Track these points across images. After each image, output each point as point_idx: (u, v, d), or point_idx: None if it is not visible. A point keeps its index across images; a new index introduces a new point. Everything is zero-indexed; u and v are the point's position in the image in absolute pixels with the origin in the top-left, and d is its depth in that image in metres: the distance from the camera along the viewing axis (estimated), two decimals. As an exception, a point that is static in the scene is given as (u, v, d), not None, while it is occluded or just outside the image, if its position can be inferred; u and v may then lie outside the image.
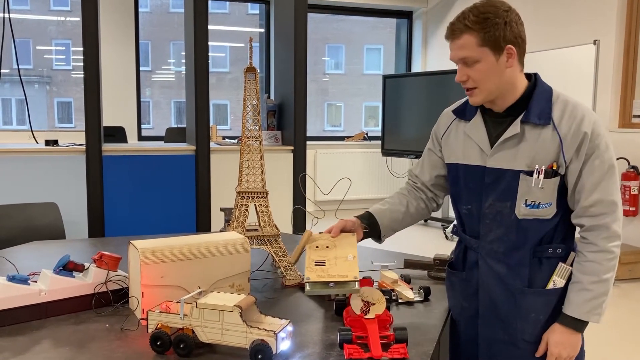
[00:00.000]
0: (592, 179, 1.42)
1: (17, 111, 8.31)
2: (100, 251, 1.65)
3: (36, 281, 1.57)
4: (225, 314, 1.27)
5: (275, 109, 4.44)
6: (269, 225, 1.93)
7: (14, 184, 3.67)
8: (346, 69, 10.40)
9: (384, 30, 9.64)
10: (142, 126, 7.14)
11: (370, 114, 10.11)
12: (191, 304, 1.34)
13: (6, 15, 4.02)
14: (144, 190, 3.89)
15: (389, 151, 6.89)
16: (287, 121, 4.26)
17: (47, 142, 3.83)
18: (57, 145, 3.83)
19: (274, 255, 1.91)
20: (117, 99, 6.81)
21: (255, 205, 1.94)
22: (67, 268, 1.58)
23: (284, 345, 1.29)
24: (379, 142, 7.24)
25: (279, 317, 1.35)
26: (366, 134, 7.91)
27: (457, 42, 1.44)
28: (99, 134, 3.73)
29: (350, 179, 7.64)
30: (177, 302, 1.41)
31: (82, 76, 3.67)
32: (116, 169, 3.81)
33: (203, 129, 3.98)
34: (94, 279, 1.60)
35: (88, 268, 1.62)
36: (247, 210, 1.92)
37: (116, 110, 6.76)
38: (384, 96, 6.89)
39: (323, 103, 10.10)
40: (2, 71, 4.01)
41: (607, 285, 1.43)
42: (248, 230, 1.93)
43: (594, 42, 4.88)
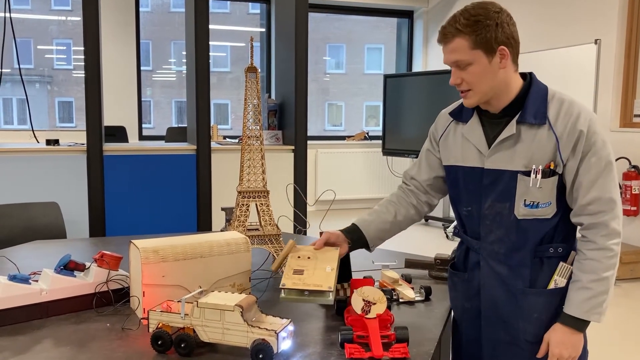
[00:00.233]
0: (589, 176, 1.41)
1: (18, 111, 8.31)
2: (101, 250, 1.65)
3: (37, 280, 1.57)
4: (226, 314, 1.27)
5: (276, 108, 4.44)
6: (269, 224, 1.93)
7: (15, 184, 3.67)
8: (347, 69, 10.39)
9: (385, 29, 9.64)
10: (143, 126, 7.14)
11: (371, 113, 10.10)
12: (192, 303, 1.34)
13: (7, 15, 4.02)
14: (145, 189, 3.89)
15: (389, 151, 6.89)
16: (288, 121, 4.26)
17: (48, 142, 3.83)
18: (58, 144, 3.84)
19: (274, 254, 1.91)
20: (118, 99, 6.81)
21: (256, 204, 1.94)
22: (68, 267, 1.58)
23: (285, 344, 1.29)
24: (380, 141, 7.24)
25: (280, 317, 1.35)
26: (367, 133, 7.91)
27: (449, 45, 1.44)
28: (100, 133, 3.74)
29: (348, 180, 7.63)
30: (178, 302, 1.41)
31: (83, 76, 3.67)
32: (117, 168, 3.81)
33: (204, 128, 3.98)
34: (95, 278, 1.60)
35: (89, 267, 1.63)
36: (248, 210, 1.92)
37: (117, 110, 6.76)
38: (384, 96, 6.89)
39: (324, 102, 10.10)
40: (3, 71, 4.02)
41: (607, 284, 1.42)
42: (249, 230, 1.93)
43: (595, 42, 4.87)
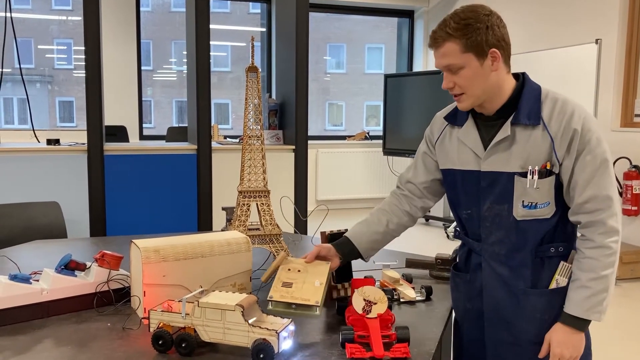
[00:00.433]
0: (585, 175, 1.41)
1: (19, 110, 8.31)
2: (102, 250, 1.65)
3: (38, 280, 1.57)
4: (227, 313, 1.27)
5: (277, 108, 4.44)
6: (270, 224, 1.93)
7: (16, 183, 3.67)
8: (347, 68, 10.39)
9: (386, 29, 9.63)
10: (144, 125, 7.14)
11: (371, 113, 10.09)
12: (193, 303, 1.34)
13: (8, 15, 4.02)
14: (146, 189, 3.90)
15: (390, 150, 6.88)
16: (289, 120, 4.26)
17: (49, 142, 3.83)
18: (59, 144, 3.84)
19: (275, 254, 1.91)
20: (119, 98, 6.81)
21: (257, 204, 1.94)
22: (69, 267, 1.58)
23: (286, 344, 1.29)
24: (381, 141, 7.24)
25: (281, 317, 1.35)
26: (367, 133, 7.90)
27: (440, 50, 1.44)
28: (100, 133, 3.74)
29: (349, 180, 7.64)
30: (179, 301, 1.41)
31: (84, 75, 3.67)
32: (118, 168, 3.81)
33: (204, 128, 3.98)
34: (96, 278, 1.60)
35: (90, 267, 1.63)
36: (248, 210, 1.92)
37: (118, 110, 6.76)
38: (385, 95, 6.89)
39: (324, 102, 10.09)
40: (3, 70, 4.02)
41: (606, 282, 1.41)
42: (250, 230, 1.93)
43: (596, 42, 4.87)
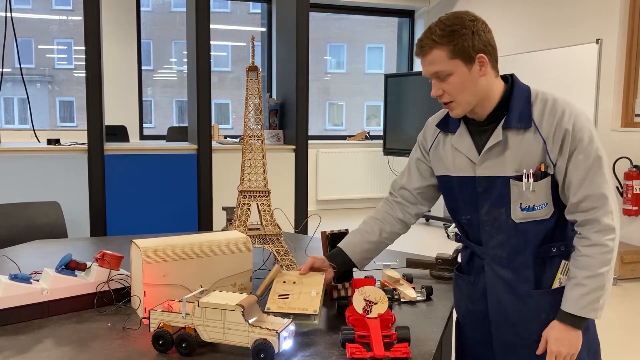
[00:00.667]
0: (578, 174, 1.41)
1: (19, 110, 8.31)
2: (102, 250, 1.65)
3: (38, 280, 1.57)
4: (227, 313, 1.27)
5: (277, 108, 4.44)
6: (270, 224, 1.93)
7: (16, 183, 3.67)
8: (348, 68, 10.38)
9: (386, 29, 9.63)
10: (144, 125, 7.15)
11: (372, 113, 10.09)
12: (193, 303, 1.34)
13: (8, 15, 4.02)
14: (146, 189, 3.90)
15: (390, 150, 6.88)
16: (289, 120, 4.26)
17: (49, 141, 3.83)
18: (59, 144, 3.84)
19: (275, 254, 1.91)
20: (119, 98, 6.81)
21: (257, 204, 1.94)
22: (69, 267, 1.58)
23: (286, 344, 1.29)
24: (381, 141, 7.24)
25: (281, 316, 1.35)
26: (368, 133, 7.90)
27: (427, 58, 1.44)
28: (100, 133, 3.74)
29: (349, 180, 7.63)
30: (179, 301, 1.41)
31: (84, 75, 3.67)
32: (118, 168, 3.81)
33: (205, 128, 3.98)
34: (96, 278, 1.60)
35: (90, 267, 1.62)
36: (249, 209, 1.92)
37: (118, 110, 6.77)
38: (385, 95, 6.89)
39: (325, 102, 10.09)
40: (4, 70, 4.02)
41: (602, 280, 1.41)
42: (250, 229, 1.93)
43: (597, 41, 4.87)
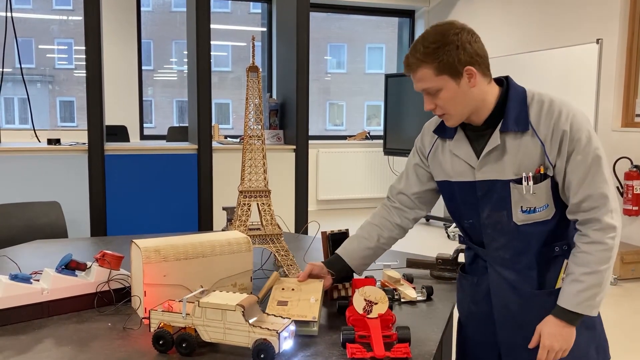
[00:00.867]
0: (577, 175, 1.41)
1: (20, 110, 8.31)
2: (103, 250, 1.65)
3: (38, 280, 1.57)
4: (227, 313, 1.27)
5: (278, 108, 4.43)
6: (271, 224, 1.93)
7: (17, 183, 3.67)
8: (348, 68, 10.38)
9: (386, 29, 9.62)
10: (144, 125, 7.15)
11: (372, 113, 10.09)
12: (193, 303, 1.34)
13: (8, 15, 4.02)
14: (146, 189, 3.89)
15: (391, 150, 6.88)
16: (289, 120, 4.26)
17: (50, 141, 3.83)
18: (60, 144, 3.84)
19: (276, 254, 1.91)
20: (120, 98, 6.81)
21: (258, 204, 1.93)
22: (70, 267, 1.58)
23: (287, 344, 1.29)
24: (381, 141, 7.24)
25: (282, 317, 1.35)
26: (368, 133, 7.90)
27: (415, 75, 1.44)
28: (101, 132, 3.74)
29: (350, 180, 7.63)
30: (180, 301, 1.41)
31: (85, 75, 3.67)
32: (118, 168, 3.81)
33: (205, 128, 3.98)
34: (96, 278, 1.60)
35: (90, 267, 1.62)
36: (249, 209, 1.92)
37: (118, 109, 6.77)
38: (386, 95, 6.89)
39: (325, 102, 10.09)
40: (4, 70, 4.02)
41: (600, 277, 1.40)
42: (250, 229, 1.93)
43: (597, 42, 4.86)
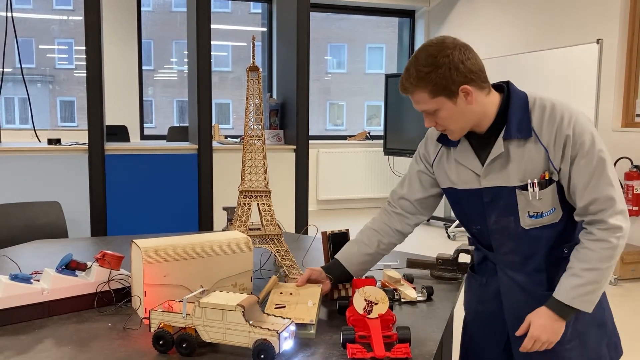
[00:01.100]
0: (582, 179, 1.41)
1: (20, 110, 8.31)
2: (103, 250, 1.65)
3: (39, 280, 1.57)
4: (227, 314, 1.27)
5: (278, 108, 4.43)
6: (271, 224, 1.93)
7: (17, 183, 3.67)
8: (348, 68, 10.38)
9: (387, 29, 9.63)
10: (145, 125, 7.15)
11: (372, 113, 10.09)
12: (194, 303, 1.34)
13: (9, 15, 4.02)
14: (147, 189, 3.89)
15: (391, 150, 6.88)
16: (290, 120, 4.26)
17: (50, 141, 3.83)
18: (60, 144, 3.84)
19: (276, 254, 1.91)
20: (120, 98, 6.81)
21: (258, 204, 1.93)
22: (70, 267, 1.58)
23: (287, 344, 1.29)
24: (381, 141, 7.24)
25: (282, 317, 1.35)
26: (368, 133, 7.90)
27: (412, 97, 1.45)
28: (101, 132, 3.74)
29: (350, 180, 7.63)
30: (180, 301, 1.41)
31: (85, 75, 3.67)
32: (118, 167, 3.81)
33: (205, 127, 3.98)
34: (97, 278, 1.60)
35: (90, 267, 1.62)
36: (249, 209, 1.92)
37: (119, 109, 6.77)
38: (386, 95, 6.89)
39: (325, 102, 10.09)
40: (4, 70, 4.02)
41: (600, 274, 1.40)
42: (250, 230, 1.93)
43: (597, 42, 4.86)
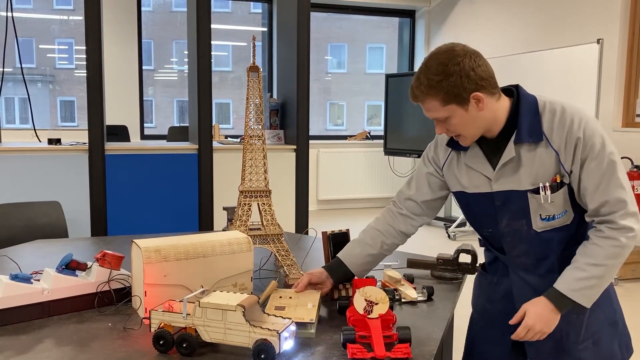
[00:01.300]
0: (593, 182, 1.41)
1: (20, 110, 8.31)
2: (103, 250, 1.65)
3: (39, 280, 1.57)
4: (228, 314, 1.27)
5: (278, 107, 4.43)
6: (271, 224, 1.93)
7: (17, 183, 3.67)
8: (349, 68, 10.38)
9: (387, 29, 9.63)
10: (145, 125, 7.15)
11: (373, 113, 10.09)
12: (194, 303, 1.34)
13: (9, 14, 4.02)
14: (147, 189, 3.89)
15: (391, 150, 6.88)
16: (290, 120, 4.26)
17: (50, 141, 3.83)
18: (60, 144, 3.84)
19: (276, 254, 1.91)
20: (120, 98, 6.81)
21: (258, 204, 1.93)
22: (70, 267, 1.58)
23: (287, 344, 1.29)
24: (382, 141, 7.24)
25: (282, 317, 1.35)
26: (369, 133, 7.90)
27: (423, 105, 1.45)
28: (101, 132, 3.73)
29: (350, 180, 7.63)
30: (180, 301, 1.41)
31: (85, 75, 3.67)
32: (119, 167, 3.81)
33: (206, 127, 3.98)
34: (97, 277, 1.60)
35: (91, 267, 1.62)
36: (249, 209, 1.92)
37: (119, 109, 6.76)
38: (386, 95, 6.88)
39: (325, 102, 10.09)
40: (5, 70, 4.02)
41: (604, 271, 1.39)
42: (251, 229, 1.93)
43: (598, 41, 4.86)
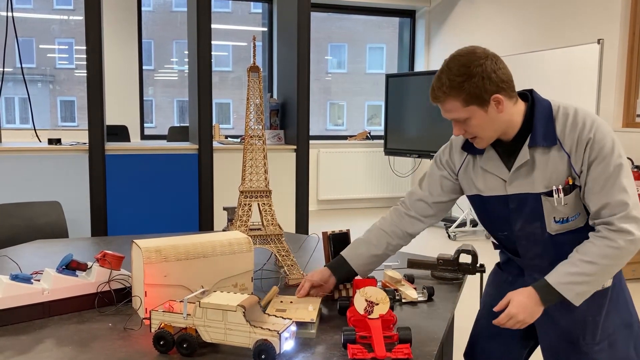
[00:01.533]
0: (597, 184, 1.42)
1: (20, 110, 8.31)
2: (103, 250, 1.65)
3: (39, 280, 1.57)
4: (228, 314, 1.27)
5: (278, 108, 4.43)
6: (272, 224, 1.92)
7: (17, 183, 3.67)
8: (349, 68, 10.38)
9: (387, 29, 9.63)
10: (145, 125, 7.14)
11: (373, 113, 10.08)
12: (194, 303, 1.34)
13: (9, 14, 4.02)
14: (147, 189, 3.89)
15: (391, 150, 6.88)
16: (290, 120, 4.26)
17: (50, 141, 3.83)
18: (60, 144, 3.84)
19: (277, 254, 1.91)
20: (120, 98, 6.81)
21: (259, 204, 1.93)
22: (70, 267, 1.58)
23: (288, 345, 1.29)
24: (382, 141, 7.24)
25: (282, 317, 1.35)
26: (369, 133, 7.90)
27: (443, 106, 1.46)
28: (101, 132, 3.73)
29: (350, 180, 7.63)
30: (180, 302, 1.41)
31: (85, 75, 3.67)
32: (119, 167, 3.81)
33: (206, 127, 3.98)
34: (97, 278, 1.60)
35: (91, 267, 1.62)
36: (250, 210, 1.92)
37: (119, 109, 6.76)
38: (386, 95, 6.88)
39: (326, 102, 10.09)
40: (5, 70, 4.02)
41: (596, 269, 1.39)
42: (251, 230, 1.93)
43: (598, 42, 4.86)
